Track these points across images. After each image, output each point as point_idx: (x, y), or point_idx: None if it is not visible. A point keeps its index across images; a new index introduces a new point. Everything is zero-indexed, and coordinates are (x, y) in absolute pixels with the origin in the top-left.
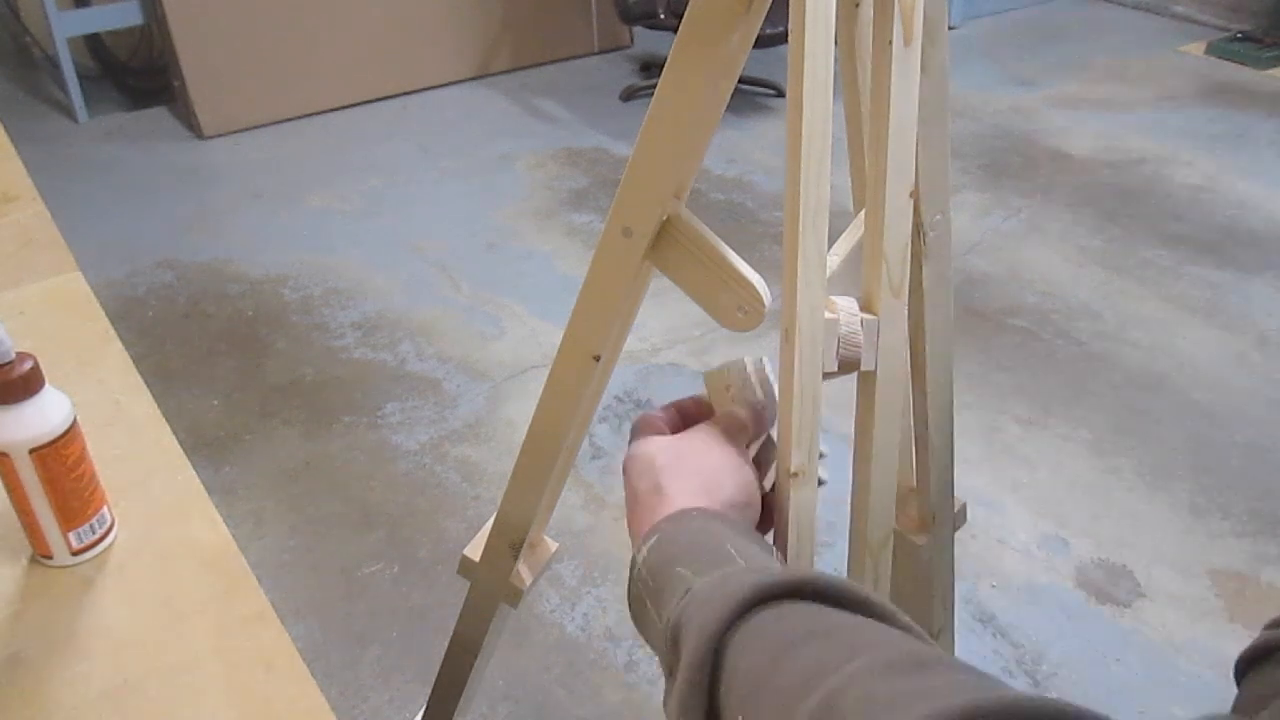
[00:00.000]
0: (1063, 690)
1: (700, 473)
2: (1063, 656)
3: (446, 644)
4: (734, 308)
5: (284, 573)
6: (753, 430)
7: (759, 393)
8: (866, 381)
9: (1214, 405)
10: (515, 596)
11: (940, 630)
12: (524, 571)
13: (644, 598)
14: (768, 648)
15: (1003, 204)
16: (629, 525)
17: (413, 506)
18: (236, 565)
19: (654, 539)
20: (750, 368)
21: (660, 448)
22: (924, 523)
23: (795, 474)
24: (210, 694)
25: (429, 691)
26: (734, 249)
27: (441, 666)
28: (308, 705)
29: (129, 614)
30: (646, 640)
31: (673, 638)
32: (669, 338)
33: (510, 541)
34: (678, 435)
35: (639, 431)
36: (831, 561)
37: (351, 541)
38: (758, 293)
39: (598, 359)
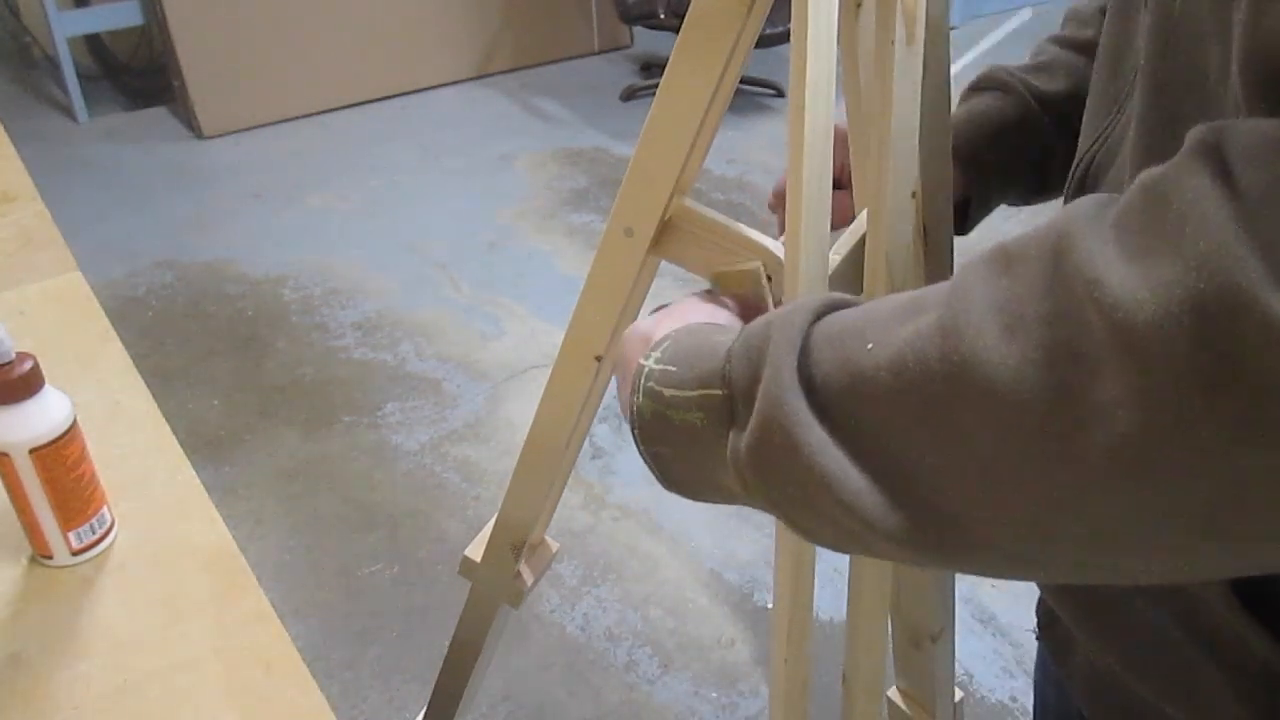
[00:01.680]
0: None
1: (685, 315)
2: None
3: (446, 644)
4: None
5: (284, 573)
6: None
7: (770, 303)
8: None
9: None
10: (516, 597)
11: (940, 630)
12: (525, 572)
13: (660, 391)
14: (853, 328)
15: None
16: (620, 393)
17: (413, 506)
18: (236, 565)
19: (665, 343)
20: (764, 278)
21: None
22: None
23: None
24: (210, 694)
25: (429, 691)
26: None
27: (442, 667)
28: (308, 705)
29: (129, 614)
30: (655, 448)
31: (747, 361)
32: None
33: (512, 542)
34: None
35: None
36: (832, 561)
37: (351, 541)
38: (776, 257)
39: (599, 359)
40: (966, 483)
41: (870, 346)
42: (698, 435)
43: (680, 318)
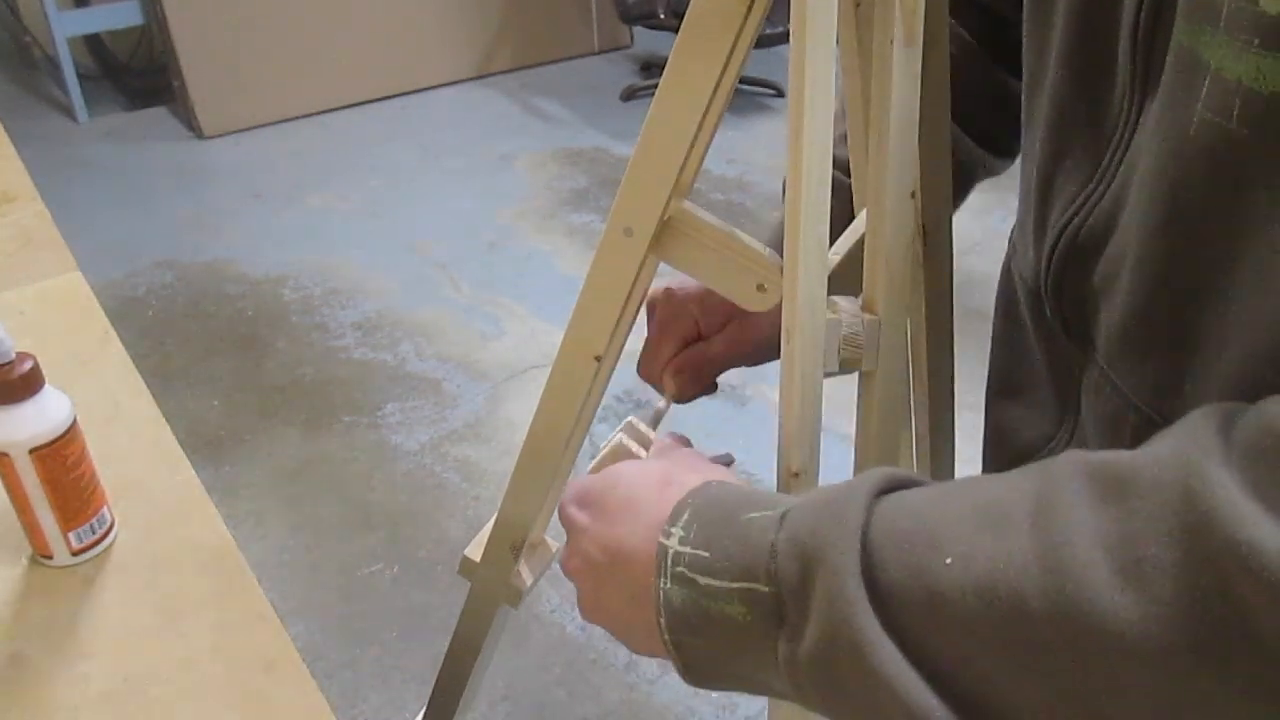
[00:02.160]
0: None
1: (689, 468)
2: None
3: (446, 644)
4: (752, 287)
5: (284, 573)
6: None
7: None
8: (868, 381)
9: None
10: (516, 597)
11: None
12: (525, 572)
13: (694, 579)
14: (920, 522)
15: (1003, 204)
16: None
17: (413, 506)
18: (236, 565)
19: (685, 515)
20: (627, 440)
21: (593, 483)
22: None
23: (797, 474)
24: (210, 694)
25: (429, 691)
26: None
27: (442, 667)
28: (307, 705)
29: (129, 614)
30: (684, 638)
31: (798, 560)
32: None
33: (511, 542)
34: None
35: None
36: None
37: (351, 541)
38: (772, 266)
39: (599, 359)
40: None
41: (949, 561)
42: (739, 630)
43: (687, 469)
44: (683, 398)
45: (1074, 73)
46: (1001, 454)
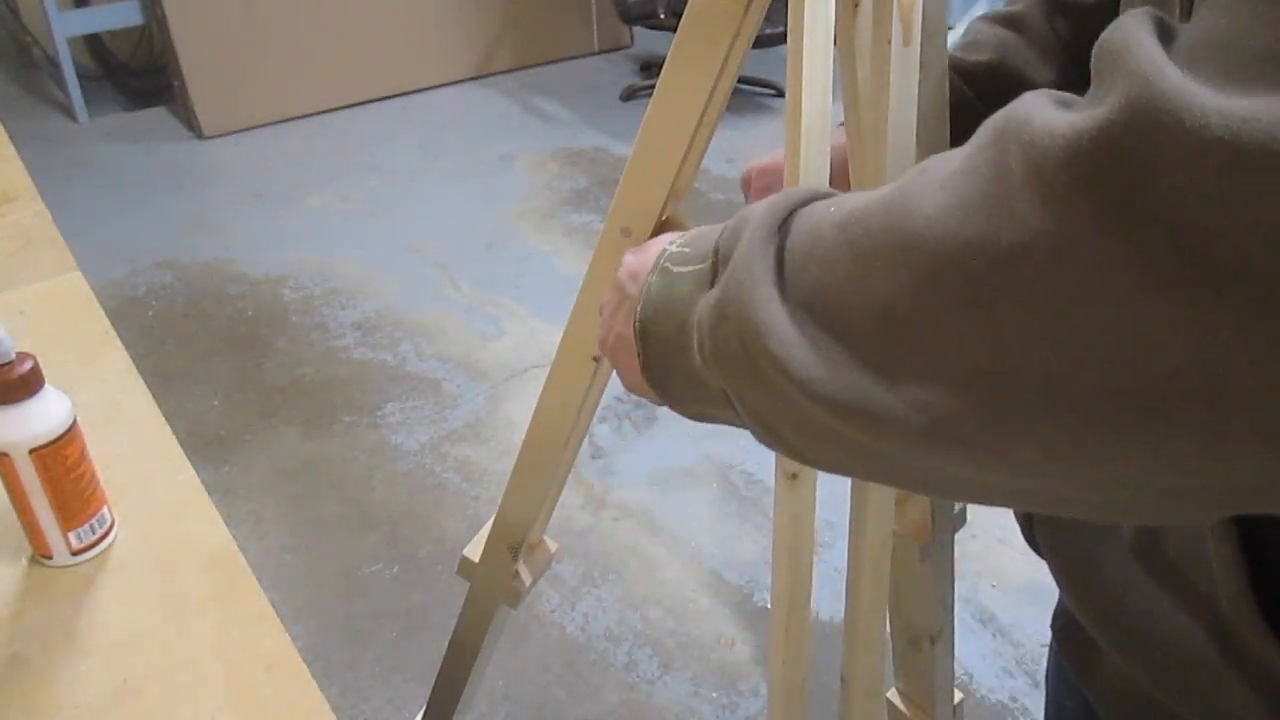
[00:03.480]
0: None
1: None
2: None
3: (446, 644)
4: None
5: (284, 573)
6: None
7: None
8: None
9: None
10: (515, 597)
11: (940, 631)
12: (524, 572)
13: (670, 268)
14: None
15: None
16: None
17: (413, 506)
18: (236, 565)
19: (677, 241)
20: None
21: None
22: (924, 523)
23: (794, 475)
24: (210, 694)
25: (429, 691)
26: None
27: (441, 667)
28: (308, 705)
29: (129, 614)
30: (649, 327)
31: (735, 231)
32: None
33: (510, 542)
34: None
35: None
36: (831, 561)
37: (351, 541)
38: None
39: (598, 359)
40: (884, 334)
41: (832, 209)
42: (682, 312)
43: None
44: None
45: None
46: None
